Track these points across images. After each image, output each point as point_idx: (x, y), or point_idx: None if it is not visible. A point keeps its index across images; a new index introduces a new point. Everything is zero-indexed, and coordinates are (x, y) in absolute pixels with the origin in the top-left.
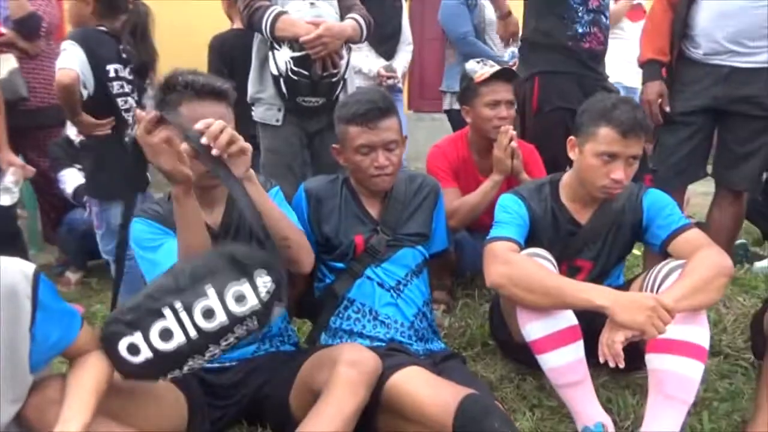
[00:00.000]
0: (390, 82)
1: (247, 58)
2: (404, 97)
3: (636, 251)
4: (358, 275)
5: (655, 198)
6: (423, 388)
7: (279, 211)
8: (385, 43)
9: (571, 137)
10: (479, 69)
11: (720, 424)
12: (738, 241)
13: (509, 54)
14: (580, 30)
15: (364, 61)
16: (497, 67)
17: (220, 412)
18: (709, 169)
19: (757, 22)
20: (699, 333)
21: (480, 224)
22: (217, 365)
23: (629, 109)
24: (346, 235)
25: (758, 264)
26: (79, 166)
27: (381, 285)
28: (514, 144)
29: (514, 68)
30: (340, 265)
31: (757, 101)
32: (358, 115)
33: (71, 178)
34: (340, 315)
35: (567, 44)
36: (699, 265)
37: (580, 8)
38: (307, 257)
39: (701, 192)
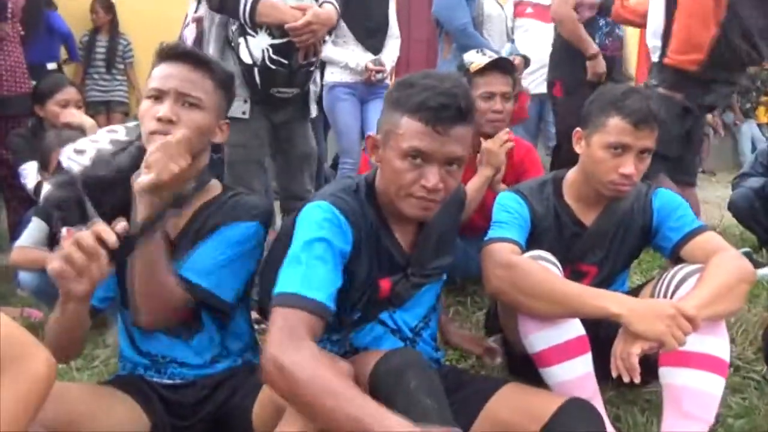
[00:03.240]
0: (379, 76)
1: None
2: None
3: None
4: (370, 320)
5: (665, 198)
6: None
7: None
8: (371, 37)
9: (577, 129)
10: (477, 59)
11: None
12: (742, 249)
13: (507, 50)
14: (597, 41)
15: (351, 55)
16: (495, 57)
17: None
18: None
19: None
20: (718, 344)
21: (471, 226)
22: (179, 381)
23: (641, 99)
24: (370, 277)
25: (760, 271)
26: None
27: (396, 332)
28: (510, 144)
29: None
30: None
31: None
32: (426, 107)
33: (32, 172)
34: None
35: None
36: (719, 270)
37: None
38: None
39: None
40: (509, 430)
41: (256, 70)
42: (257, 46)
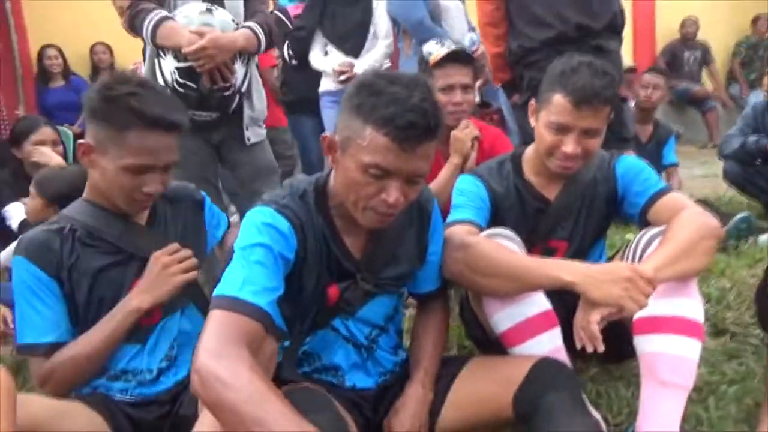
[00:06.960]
0: (342, 78)
1: None
2: None
3: None
4: (321, 327)
5: (628, 164)
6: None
7: None
8: (349, 39)
9: (532, 101)
10: (436, 50)
11: (729, 410)
12: (740, 215)
13: (469, 39)
14: None
15: (332, 62)
16: (452, 48)
17: None
18: None
19: None
20: (690, 306)
21: (445, 217)
22: (141, 399)
23: (590, 74)
24: (318, 285)
25: (762, 237)
26: (25, 200)
27: (349, 340)
28: (472, 131)
29: (476, 55)
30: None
31: None
32: (395, 126)
33: (16, 213)
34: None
35: None
36: (681, 228)
37: None
38: None
39: (699, 175)
40: (484, 402)
41: (169, 91)
42: (167, 68)
